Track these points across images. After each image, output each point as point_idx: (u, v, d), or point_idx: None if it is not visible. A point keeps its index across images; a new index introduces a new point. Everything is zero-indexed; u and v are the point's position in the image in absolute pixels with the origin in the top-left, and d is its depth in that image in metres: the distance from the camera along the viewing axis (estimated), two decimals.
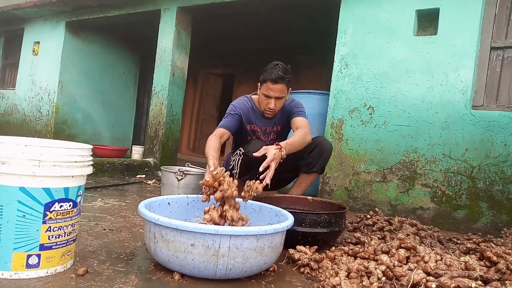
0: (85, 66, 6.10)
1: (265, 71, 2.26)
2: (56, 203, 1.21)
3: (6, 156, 1.14)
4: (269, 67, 2.26)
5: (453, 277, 1.26)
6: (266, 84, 2.24)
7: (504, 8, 2.82)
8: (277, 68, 2.22)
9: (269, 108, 2.29)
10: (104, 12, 5.16)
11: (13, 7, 5.94)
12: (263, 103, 2.31)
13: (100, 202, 2.48)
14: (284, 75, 2.21)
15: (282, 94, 2.27)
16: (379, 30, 3.19)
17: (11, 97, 6.60)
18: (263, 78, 2.26)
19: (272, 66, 2.25)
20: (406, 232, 2.07)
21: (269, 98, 2.26)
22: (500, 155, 2.66)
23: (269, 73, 2.22)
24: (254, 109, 2.44)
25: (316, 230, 1.78)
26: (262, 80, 2.27)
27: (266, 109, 2.32)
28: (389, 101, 3.10)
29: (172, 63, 4.56)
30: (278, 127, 2.50)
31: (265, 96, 2.27)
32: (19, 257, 1.17)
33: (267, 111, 2.34)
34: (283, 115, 2.45)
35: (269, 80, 2.21)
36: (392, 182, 3.04)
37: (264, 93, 2.26)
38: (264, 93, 2.26)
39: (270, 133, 2.49)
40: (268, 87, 2.23)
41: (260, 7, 4.38)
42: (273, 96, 2.25)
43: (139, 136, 7.39)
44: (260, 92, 2.31)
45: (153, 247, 1.33)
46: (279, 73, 2.20)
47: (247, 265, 1.30)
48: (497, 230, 2.57)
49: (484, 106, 2.83)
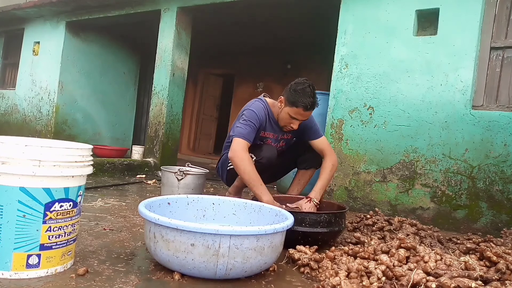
0: (85, 66, 6.11)
1: (297, 93, 2.11)
2: (56, 203, 1.21)
3: (6, 156, 1.14)
4: (299, 89, 2.11)
5: (453, 277, 1.26)
6: (297, 109, 2.12)
7: (504, 8, 2.83)
8: (309, 93, 2.10)
9: (292, 128, 2.23)
10: (104, 12, 5.17)
11: (13, 7, 5.94)
12: (286, 121, 2.22)
13: (100, 202, 2.48)
14: (315, 100, 2.12)
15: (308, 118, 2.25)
16: (379, 30, 3.19)
17: (11, 97, 6.61)
18: (294, 102, 2.12)
19: (303, 89, 2.11)
20: (406, 232, 2.07)
21: (295, 120, 2.19)
22: (500, 155, 2.66)
23: (301, 98, 2.09)
24: (269, 116, 2.34)
25: (316, 230, 1.78)
26: (293, 103, 2.13)
27: (287, 127, 2.26)
28: (389, 101, 3.10)
29: (172, 63, 4.56)
30: (289, 135, 2.47)
31: (292, 117, 2.18)
32: (19, 257, 1.17)
33: (287, 128, 2.28)
34: None
35: (302, 107, 2.10)
36: (392, 182, 3.04)
37: (292, 116, 2.16)
38: (292, 115, 2.16)
39: (280, 141, 2.46)
40: (298, 112, 2.13)
41: (260, 7, 4.39)
42: (301, 120, 2.19)
43: (139, 136, 7.39)
44: (286, 111, 2.18)
45: (153, 247, 1.34)
46: (311, 99, 2.10)
47: (247, 265, 1.30)
48: (497, 230, 2.57)
49: (484, 106, 2.83)
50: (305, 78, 2.21)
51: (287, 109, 2.18)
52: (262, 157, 2.22)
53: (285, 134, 2.44)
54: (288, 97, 2.16)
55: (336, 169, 2.38)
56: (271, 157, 2.26)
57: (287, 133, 2.43)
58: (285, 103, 2.19)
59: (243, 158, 2.05)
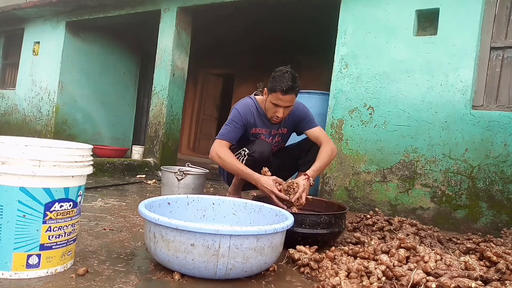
0: (85, 66, 6.10)
1: (274, 79, 2.14)
2: (56, 203, 1.21)
3: (6, 156, 1.14)
4: (278, 75, 2.14)
5: (453, 277, 1.26)
6: (275, 94, 2.14)
7: (504, 8, 2.83)
8: (287, 78, 2.10)
9: (277, 116, 2.22)
10: (105, 12, 5.17)
11: (13, 7, 5.94)
12: (271, 111, 2.23)
13: (100, 202, 2.48)
14: (294, 85, 2.12)
15: (291, 103, 2.21)
16: (379, 30, 3.19)
17: (11, 97, 6.61)
18: (272, 87, 2.15)
19: (281, 75, 2.12)
20: (406, 232, 2.07)
21: (278, 107, 2.18)
22: (500, 155, 2.66)
23: (279, 83, 2.11)
24: (259, 112, 2.34)
25: (316, 231, 1.78)
26: (271, 89, 2.16)
27: (273, 117, 2.25)
28: (389, 101, 3.10)
29: (172, 63, 4.56)
30: (284, 130, 2.44)
31: (273, 104, 2.19)
32: (19, 257, 1.17)
33: (274, 119, 2.27)
34: (290, 119, 2.39)
35: (279, 91, 2.11)
36: (392, 182, 3.04)
37: (273, 102, 2.18)
38: (273, 102, 2.17)
39: (275, 136, 2.43)
40: (277, 97, 2.14)
41: (260, 7, 4.39)
42: (283, 106, 2.17)
43: (139, 136, 7.39)
44: (268, 99, 2.21)
45: (153, 247, 1.34)
46: (289, 83, 2.09)
47: (247, 265, 1.30)
48: (497, 230, 2.57)
49: (484, 106, 2.83)
50: (286, 66, 2.22)
51: (269, 97, 2.20)
52: (255, 150, 2.21)
53: (280, 129, 2.41)
54: (268, 85, 2.20)
55: (335, 156, 2.34)
56: (264, 151, 2.23)
57: (282, 127, 2.41)
58: (268, 93, 2.22)
59: (222, 152, 2.12)
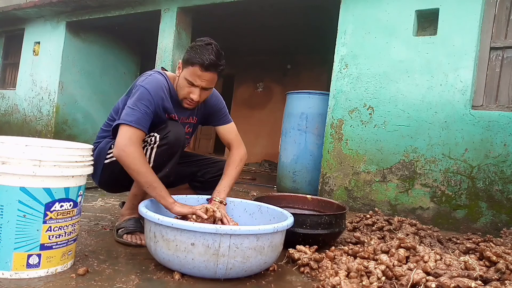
0: (86, 66, 6.11)
1: (193, 50, 1.67)
2: (57, 203, 1.21)
3: (7, 156, 1.14)
4: (198, 46, 1.67)
5: (452, 276, 1.26)
6: (193, 68, 1.65)
7: (504, 8, 2.83)
8: (210, 51, 1.64)
9: (192, 99, 1.72)
10: (105, 13, 5.17)
11: (13, 7, 5.94)
12: (184, 90, 1.72)
13: (100, 202, 2.49)
14: (218, 61, 1.66)
15: (211, 85, 1.73)
16: (378, 30, 3.19)
17: (11, 97, 6.61)
18: (189, 59, 1.66)
19: (203, 46, 1.66)
20: (406, 231, 2.08)
21: (194, 87, 1.69)
22: (499, 155, 2.67)
23: (199, 55, 1.63)
24: (171, 94, 1.78)
25: (316, 231, 1.78)
26: (188, 62, 1.67)
27: (187, 99, 1.74)
28: (388, 101, 3.10)
29: (172, 63, 4.56)
30: (195, 119, 1.95)
31: (188, 82, 1.69)
32: (19, 257, 1.17)
33: (187, 102, 1.75)
34: (203, 107, 1.93)
35: (199, 65, 1.63)
36: (392, 182, 3.04)
37: (188, 79, 1.68)
38: (189, 79, 1.67)
39: (185, 125, 1.89)
40: (195, 73, 1.65)
41: (260, 7, 4.39)
42: (200, 85, 1.68)
43: None
44: (182, 75, 1.71)
45: (153, 247, 1.34)
46: (212, 57, 1.63)
47: (247, 265, 1.30)
48: (496, 230, 2.57)
49: (484, 106, 2.83)
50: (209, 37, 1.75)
51: (183, 72, 1.71)
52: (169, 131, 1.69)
53: (191, 117, 1.91)
54: (184, 56, 1.71)
55: (244, 164, 1.92)
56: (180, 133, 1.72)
57: (193, 116, 1.91)
58: (182, 66, 1.73)
59: (135, 155, 1.55)
